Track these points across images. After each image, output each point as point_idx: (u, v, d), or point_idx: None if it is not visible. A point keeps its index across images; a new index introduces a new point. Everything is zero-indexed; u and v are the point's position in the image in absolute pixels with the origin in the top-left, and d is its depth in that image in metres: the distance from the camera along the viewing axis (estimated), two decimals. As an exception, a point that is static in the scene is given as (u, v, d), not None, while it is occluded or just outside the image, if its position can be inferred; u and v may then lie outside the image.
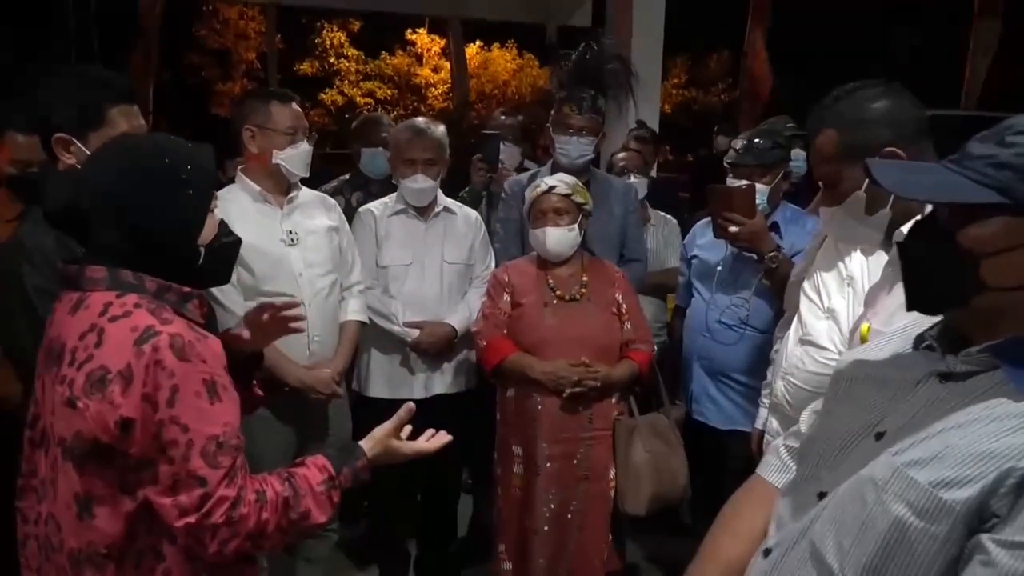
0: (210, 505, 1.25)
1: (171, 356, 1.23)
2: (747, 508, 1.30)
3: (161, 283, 1.33)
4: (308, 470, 1.40)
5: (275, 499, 1.32)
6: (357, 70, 19.31)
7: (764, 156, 2.66)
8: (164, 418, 1.23)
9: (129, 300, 1.29)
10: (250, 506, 1.28)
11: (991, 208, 0.96)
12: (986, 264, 0.97)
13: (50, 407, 1.30)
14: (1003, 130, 0.99)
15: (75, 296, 1.33)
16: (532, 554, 2.62)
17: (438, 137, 2.92)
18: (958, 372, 1.02)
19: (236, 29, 17.95)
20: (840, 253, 2.04)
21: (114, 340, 1.24)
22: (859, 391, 1.15)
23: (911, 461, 0.96)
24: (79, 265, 1.34)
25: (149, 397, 1.22)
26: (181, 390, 1.24)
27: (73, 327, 1.29)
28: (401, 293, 2.91)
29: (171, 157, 1.36)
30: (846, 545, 0.99)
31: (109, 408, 1.22)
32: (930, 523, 0.92)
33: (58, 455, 1.28)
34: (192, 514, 1.24)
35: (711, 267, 2.79)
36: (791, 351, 2.10)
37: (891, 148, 1.60)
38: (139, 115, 1.97)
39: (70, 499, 1.27)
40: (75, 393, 1.24)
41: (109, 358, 1.23)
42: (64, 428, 1.26)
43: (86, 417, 1.22)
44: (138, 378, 1.22)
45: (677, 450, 2.62)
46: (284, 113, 2.51)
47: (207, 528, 1.25)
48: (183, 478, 1.24)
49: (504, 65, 19.83)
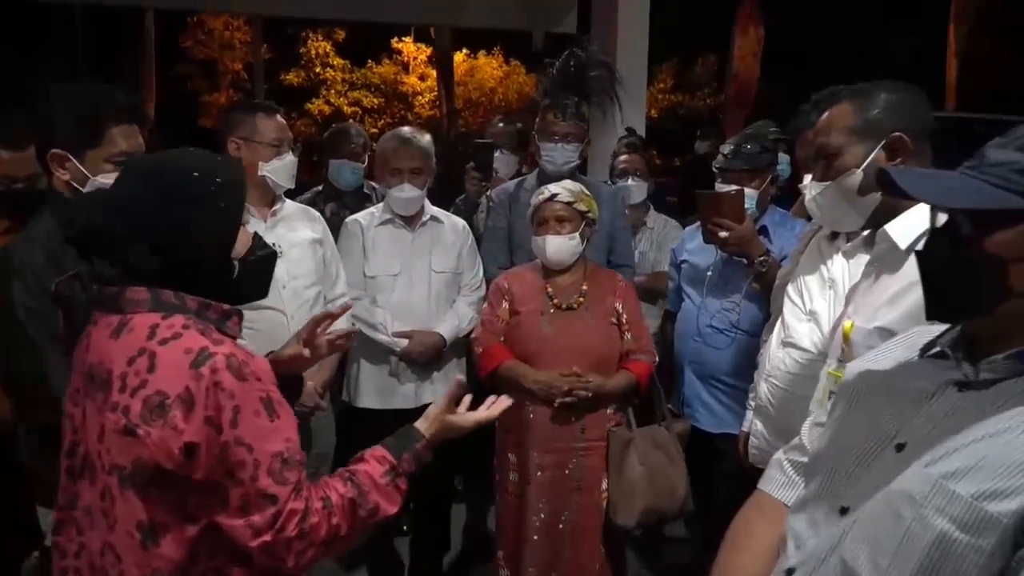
0: (282, 521, 1.24)
1: (229, 377, 1.22)
2: (758, 525, 1.27)
3: (202, 301, 1.31)
4: (368, 464, 1.39)
5: (341, 502, 1.32)
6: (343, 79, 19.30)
7: (752, 160, 2.67)
8: (229, 440, 1.21)
9: (176, 321, 1.26)
10: (319, 514, 1.28)
11: (1018, 214, 0.96)
12: (1015, 269, 0.96)
13: (95, 434, 1.26)
14: (1019, 136, 0.99)
15: (114, 319, 1.29)
16: (525, 563, 2.61)
17: (424, 146, 2.91)
18: (980, 380, 1.00)
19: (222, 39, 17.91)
20: (822, 256, 2.05)
21: (168, 364, 1.21)
22: (869, 402, 1.13)
23: (948, 473, 0.94)
24: (118, 287, 1.30)
25: (212, 420, 1.20)
26: (242, 410, 1.22)
27: (118, 351, 1.25)
28: (389, 303, 2.90)
29: (201, 172, 1.34)
30: (883, 564, 0.96)
31: (172, 434, 1.19)
32: (976, 537, 0.90)
33: (112, 484, 1.24)
34: (267, 532, 1.23)
35: (701, 272, 2.79)
36: (774, 353, 2.11)
37: (899, 134, 1.60)
38: (139, 135, 1.96)
39: (132, 527, 1.23)
40: (133, 420, 1.20)
41: (165, 383, 1.20)
42: (121, 456, 1.22)
43: (147, 444, 1.19)
44: (199, 402, 1.20)
45: (678, 464, 2.59)
46: (269, 125, 2.52)
47: (282, 544, 1.25)
48: (253, 498, 1.23)
49: (491, 72, 19.86)
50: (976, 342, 1.04)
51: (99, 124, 1.88)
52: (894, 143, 1.60)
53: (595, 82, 3.12)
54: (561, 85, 3.08)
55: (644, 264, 3.54)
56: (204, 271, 1.34)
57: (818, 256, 2.09)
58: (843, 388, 1.21)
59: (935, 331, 1.11)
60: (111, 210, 1.29)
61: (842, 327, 1.69)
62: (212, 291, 1.34)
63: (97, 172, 1.89)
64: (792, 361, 2.06)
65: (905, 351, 1.15)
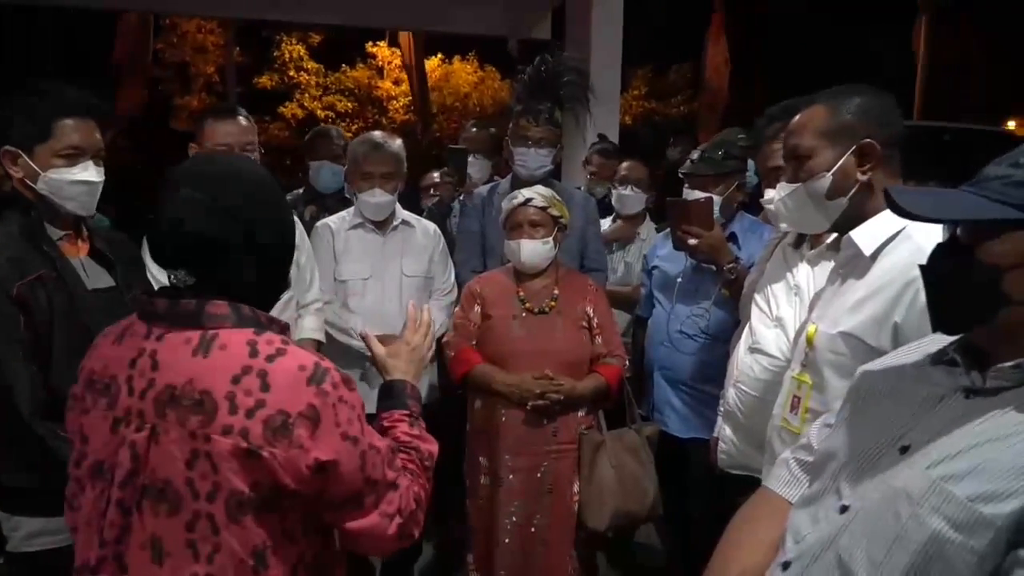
0: (406, 501, 1.30)
1: (346, 390, 1.23)
2: (759, 520, 1.29)
3: (267, 316, 1.29)
4: (395, 428, 1.42)
5: (414, 465, 1.37)
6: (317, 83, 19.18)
7: (717, 166, 2.71)
8: (365, 448, 1.24)
9: (273, 338, 1.23)
10: (415, 483, 1.34)
11: (1011, 224, 1.00)
12: (1008, 278, 1.00)
13: (180, 461, 1.18)
14: (1018, 153, 1.03)
15: (193, 335, 1.22)
16: (496, 566, 2.61)
17: (395, 151, 2.91)
18: (987, 388, 1.03)
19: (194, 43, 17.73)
20: (787, 263, 2.08)
21: (283, 381, 1.18)
22: (878, 405, 1.16)
23: (947, 475, 0.97)
24: (196, 301, 1.24)
25: (347, 435, 1.21)
26: (362, 417, 1.25)
27: (213, 371, 1.19)
28: (360, 307, 2.89)
29: (274, 180, 1.34)
30: (878, 559, 0.99)
31: (299, 453, 1.17)
32: (969, 537, 0.93)
33: (216, 511, 1.18)
34: (398, 516, 1.29)
35: (671, 278, 2.82)
36: (742, 359, 2.14)
37: (870, 140, 1.61)
38: (96, 130, 1.93)
39: (246, 553, 1.19)
40: (255, 442, 1.16)
41: (285, 401, 1.17)
42: (238, 480, 1.17)
43: (273, 466, 1.16)
44: (327, 418, 1.19)
45: (647, 467, 2.62)
46: (217, 130, 2.48)
47: (411, 520, 1.31)
48: (382, 491, 1.27)
49: (465, 78, 19.85)
50: (983, 351, 1.07)
51: (46, 117, 1.86)
52: (864, 149, 1.62)
53: (568, 88, 3.14)
54: (534, 91, 3.10)
55: (630, 275, 3.52)
56: (277, 281, 1.36)
57: (783, 263, 2.12)
58: (852, 391, 1.25)
59: (947, 339, 1.13)
60: (224, 217, 1.23)
61: (806, 332, 1.71)
62: (268, 302, 1.33)
63: (47, 167, 1.86)
64: (760, 367, 2.08)
65: (917, 357, 1.18)
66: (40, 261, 1.83)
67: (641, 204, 3.57)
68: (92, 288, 1.92)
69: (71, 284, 1.86)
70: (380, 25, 10.75)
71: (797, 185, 1.71)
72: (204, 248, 1.24)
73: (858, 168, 1.63)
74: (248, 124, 2.56)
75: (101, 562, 1.24)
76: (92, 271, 1.97)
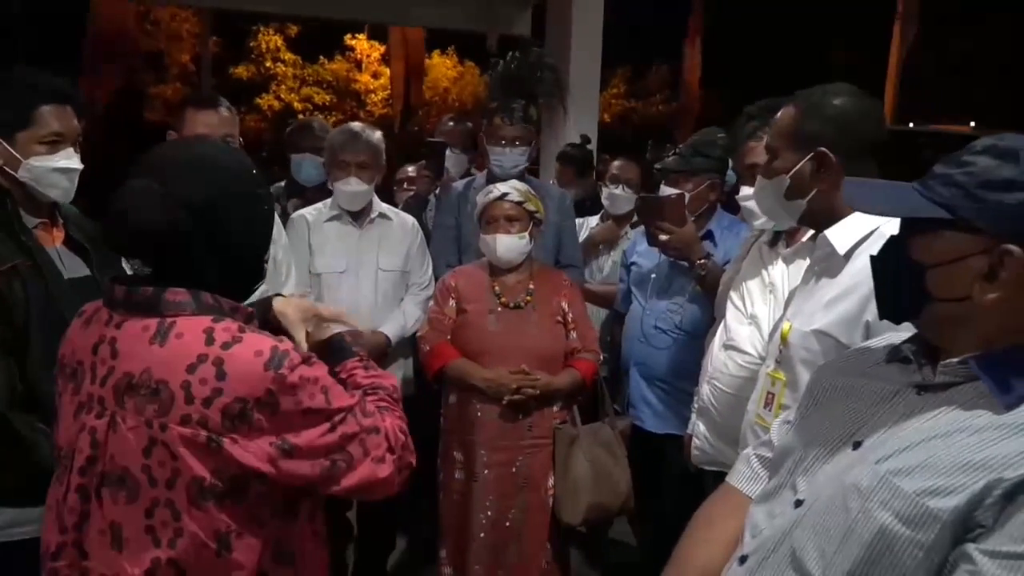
0: (392, 437, 1.31)
1: (306, 367, 1.22)
2: (720, 516, 1.30)
3: (232, 304, 1.27)
4: (354, 376, 1.42)
5: (385, 402, 1.38)
6: (295, 75, 19.04)
7: (689, 163, 2.73)
8: (334, 415, 1.23)
9: (230, 325, 1.21)
10: (390, 415, 1.35)
11: (940, 224, 1.01)
12: (930, 275, 1.02)
13: (138, 448, 1.18)
14: (966, 151, 1.04)
15: (150, 323, 1.21)
16: (470, 561, 2.60)
17: (373, 142, 2.89)
18: (936, 383, 1.05)
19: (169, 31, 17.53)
20: (763, 261, 2.09)
21: (240, 369, 1.17)
22: (834, 402, 1.17)
23: (896, 470, 0.98)
24: (152, 288, 1.22)
25: (309, 410, 1.21)
26: (328, 386, 1.24)
27: (169, 359, 1.18)
28: (335, 301, 2.85)
29: (249, 168, 1.31)
30: (829, 552, 1.00)
31: (262, 436, 1.18)
32: (916, 531, 0.94)
33: (176, 498, 1.18)
34: (390, 453, 1.30)
35: (646, 274, 2.83)
36: (716, 356, 2.15)
37: (822, 150, 1.61)
38: (73, 117, 1.91)
39: (209, 538, 1.19)
40: (214, 431, 1.16)
41: (242, 388, 1.16)
42: (199, 468, 1.17)
43: (236, 452, 1.16)
44: (288, 401, 1.18)
45: (621, 461, 2.63)
46: (197, 119, 2.44)
47: (404, 449, 1.33)
48: (367, 439, 1.27)
49: (445, 72, 19.81)
50: (932, 347, 1.08)
51: (29, 104, 1.83)
52: (819, 156, 1.63)
53: (542, 84, 3.14)
54: (507, 87, 3.09)
55: (614, 275, 3.50)
56: (247, 274, 1.33)
57: (759, 261, 2.14)
58: (809, 387, 1.26)
59: (903, 337, 1.15)
60: (175, 208, 1.20)
61: (780, 329, 1.72)
62: (238, 294, 1.30)
63: (29, 155, 1.84)
64: (734, 364, 2.10)
65: (874, 355, 1.19)
66: (15, 251, 1.80)
67: (631, 204, 3.58)
68: (69, 278, 1.89)
69: (47, 274, 1.83)
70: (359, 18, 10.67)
71: (765, 182, 1.74)
72: (150, 239, 1.22)
73: (814, 174, 1.64)
74: (230, 115, 2.53)
75: (61, 548, 1.25)
76: (68, 260, 1.94)
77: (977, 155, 1.02)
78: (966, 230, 0.99)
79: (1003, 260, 0.97)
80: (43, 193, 1.88)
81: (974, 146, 1.04)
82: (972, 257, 0.99)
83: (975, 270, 0.99)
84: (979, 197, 0.98)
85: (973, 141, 1.05)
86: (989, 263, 0.98)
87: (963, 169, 1.01)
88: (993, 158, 1.00)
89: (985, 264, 0.98)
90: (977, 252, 0.99)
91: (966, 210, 0.99)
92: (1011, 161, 0.99)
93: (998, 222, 0.97)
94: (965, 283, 1.00)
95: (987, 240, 0.98)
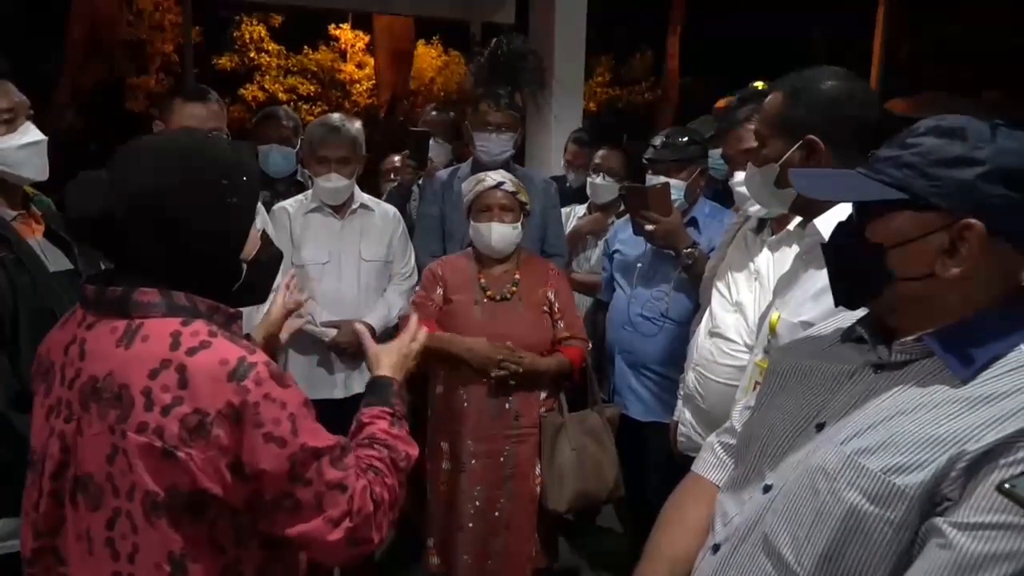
0: (357, 502, 1.19)
1: (276, 386, 1.13)
2: (689, 505, 1.31)
3: (211, 304, 1.20)
4: (373, 425, 1.36)
5: (383, 463, 1.29)
6: (278, 65, 18.89)
7: (679, 152, 2.72)
8: (295, 450, 1.13)
9: (200, 329, 1.14)
10: (376, 482, 1.25)
11: (896, 204, 1.02)
12: (891, 255, 1.03)
13: (101, 455, 1.12)
14: (907, 133, 1.05)
15: (119, 324, 1.15)
16: (458, 551, 2.60)
17: (353, 135, 2.86)
18: (893, 361, 1.06)
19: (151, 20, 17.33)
20: (748, 248, 2.08)
21: (203, 377, 1.10)
22: (794, 385, 1.18)
23: (860, 449, 0.99)
24: (123, 288, 1.16)
25: (272, 436, 1.11)
26: (297, 416, 1.15)
27: (133, 363, 1.12)
28: (318, 292, 2.85)
29: (214, 159, 1.21)
30: (801, 536, 1.01)
31: (218, 455, 1.10)
32: (884, 509, 0.95)
33: (134, 511, 1.11)
34: (347, 518, 1.18)
35: (631, 262, 2.83)
36: (701, 343, 2.15)
37: (812, 138, 1.60)
38: (15, 90, 1.87)
39: (162, 559, 1.12)
40: (169, 442, 1.09)
41: (202, 399, 1.09)
42: (152, 481, 1.10)
43: (190, 468, 1.09)
44: (249, 418, 1.10)
45: (608, 449, 2.64)
46: (184, 111, 2.43)
47: (365, 522, 1.20)
48: (326, 493, 1.17)
49: (429, 62, 19.69)
50: (886, 326, 1.09)
51: None
52: (808, 144, 1.61)
53: (525, 72, 3.12)
54: (491, 75, 3.07)
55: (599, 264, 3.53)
56: (213, 271, 1.23)
57: (744, 248, 2.13)
58: (769, 372, 1.26)
59: (856, 316, 1.16)
60: (113, 195, 1.14)
61: (769, 319, 1.71)
62: (214, 294, 1.22)
63: None
64: (719, 351, 2.10)
65: (830, 337, 1.20)
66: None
67: (614, 193, 3.56)
68: (53, 271, 1.86)
69: (32, 267, 1.80)
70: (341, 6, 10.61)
71: (755, 170, 1.73)
72: (86, 226, 1.16)
73: (803, 162, 1.63)
74: (218, 109, 2.51)
75: (37, 553, 1.21)
76: (51, 253, 1.91)
77: (922, 136, 1.03)
78: (924, 208, 1.01)
79: (963, 234, 0.98)
80: (17, 176, 1.84)
81: (917, 128, 1.05)
82: (932, 234, 1.00)
83: (936, 246, 1.00)
84: (933, 175, 1.00)
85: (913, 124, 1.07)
86: (950, 238, 0.99)
87: (911, 150, 1.02)
88: (939, 137, 1.02)
89: (946, 240, 1.00)
90: (937, 229, 1.00)
91: (922, 188, 1.00)
92: (958, 138, 1.00)
93: (955, 198, 0.98)
94: (928, 260, 1.01)
95: (945, 216, 0.99)
